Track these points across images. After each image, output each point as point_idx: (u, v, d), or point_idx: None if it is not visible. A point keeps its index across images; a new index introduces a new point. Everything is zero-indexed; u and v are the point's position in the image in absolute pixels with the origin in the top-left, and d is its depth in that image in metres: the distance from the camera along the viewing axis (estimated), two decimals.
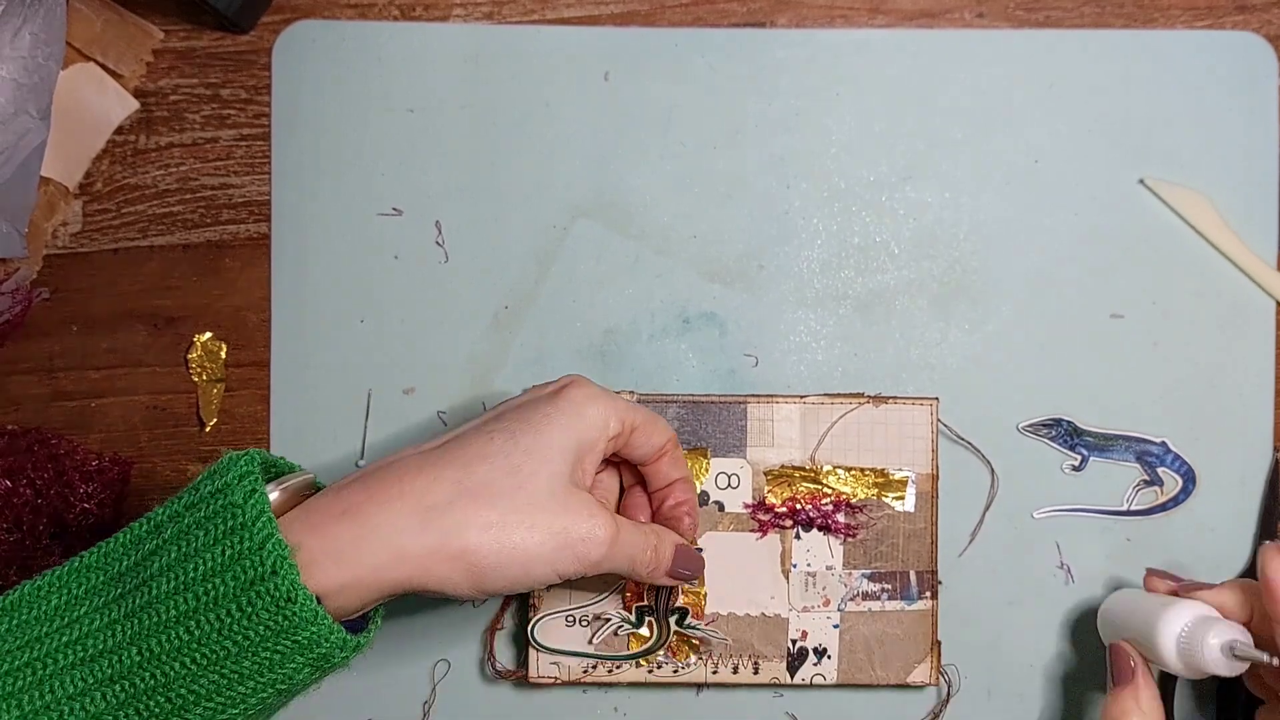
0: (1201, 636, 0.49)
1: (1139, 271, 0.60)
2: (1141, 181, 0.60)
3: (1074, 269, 0.60)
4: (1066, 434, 0.59)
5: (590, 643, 0.57)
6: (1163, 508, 0.59)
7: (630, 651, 0.57)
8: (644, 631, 0.57)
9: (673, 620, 0.57)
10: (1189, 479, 0.59)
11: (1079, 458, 0.59)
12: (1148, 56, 0.60)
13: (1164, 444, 0.59)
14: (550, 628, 0.57)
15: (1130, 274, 0.60)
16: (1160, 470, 0.59)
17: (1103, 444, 0.59)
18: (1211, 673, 0.50)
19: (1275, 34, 0.60)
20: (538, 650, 0.57)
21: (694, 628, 0.57)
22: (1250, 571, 0.59)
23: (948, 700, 0.59)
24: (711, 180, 0.59)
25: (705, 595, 0.57)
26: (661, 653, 0.57)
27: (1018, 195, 0.60)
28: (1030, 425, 0.59)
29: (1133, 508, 0.59)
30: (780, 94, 0.59)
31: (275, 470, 0.48)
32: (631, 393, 0.57)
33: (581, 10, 0.59)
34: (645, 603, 0.57)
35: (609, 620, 0.57)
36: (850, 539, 0.57)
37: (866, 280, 0.60)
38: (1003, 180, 0.60)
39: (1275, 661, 0.49)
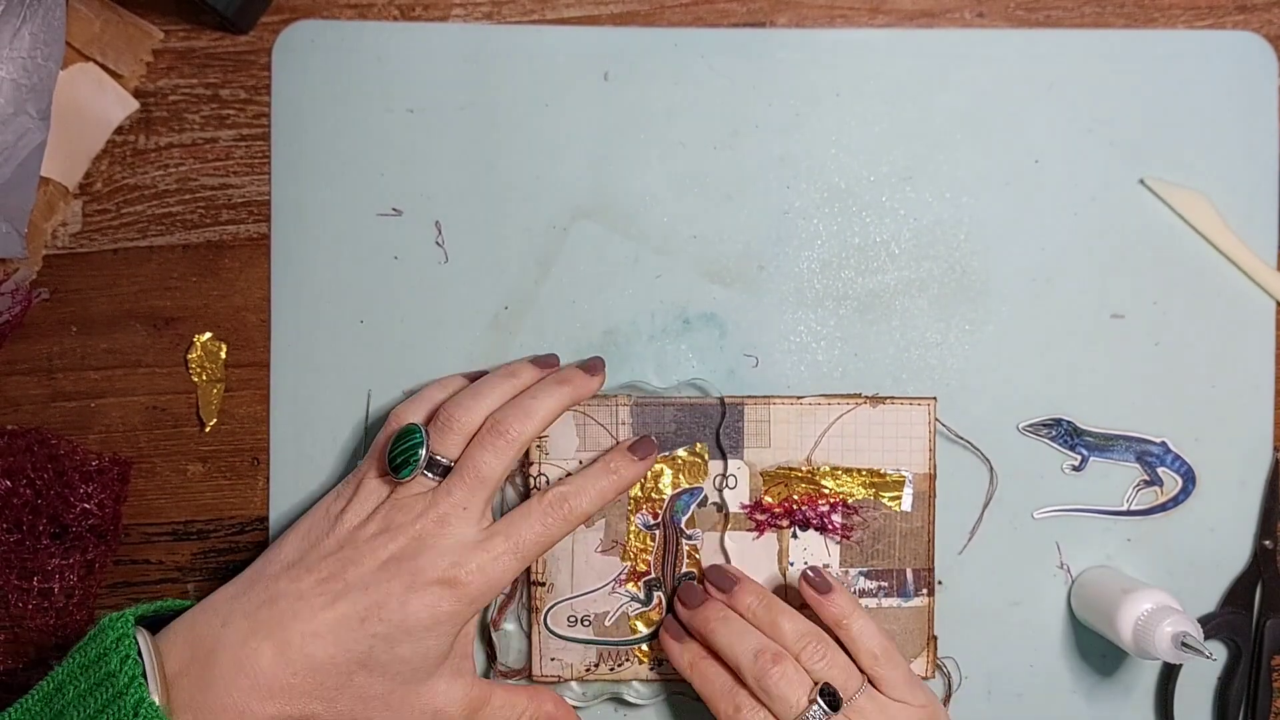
0: (1157, 623, 0.53)
1: (1139, 271, 0.60)
2: (1141, 181, 0.60)
3: (1074, 269, 0.60)
4: (1066, 434, 0.59)
5: (603, 627, 0.57)
6: (1163, 508, 0.59)
7: (642, 635, 0.57)
8: (654, 614, 0.57)
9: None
10: (1189, 479, 0.59)
11: (1079, 458, 0.59)
12: (1148, 56, 0.60)
13: (1164, 444, 0.59)
14: (555, 623, 0.57)
15: (1130, 274, 0.60)
16: (1160, 470, 0.59)
17: (1103, 444, 0.59)
18: (1160, 658, 0.53)
19: (1275, 34, 0.60)
20: (553, 637, 0.57)
21: None
22: (1249, 572, 0.60)
23: (951, 693, 0.59)
24: (711, 180, 0.59)
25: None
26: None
27: (1018, 195, 0.60)
28: (1030, 425, 0.59)
29: (1133, 508, 0.59)
30: (780, 94, 0.59)
31: (161, 613, 0.52)
32: (629, 395, 0.57)
33: (581, 10, 0.59)
34: (652, 575, 0.57)
35: (618, 601, 0.57)
36: (846, 540, 0.57)
37: (866, 281, 0.60)
38: (1003, 180, 0.60)
39: (1214, 658, 0.55)
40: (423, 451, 0.52)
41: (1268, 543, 0.59)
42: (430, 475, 0.52)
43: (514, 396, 0.54)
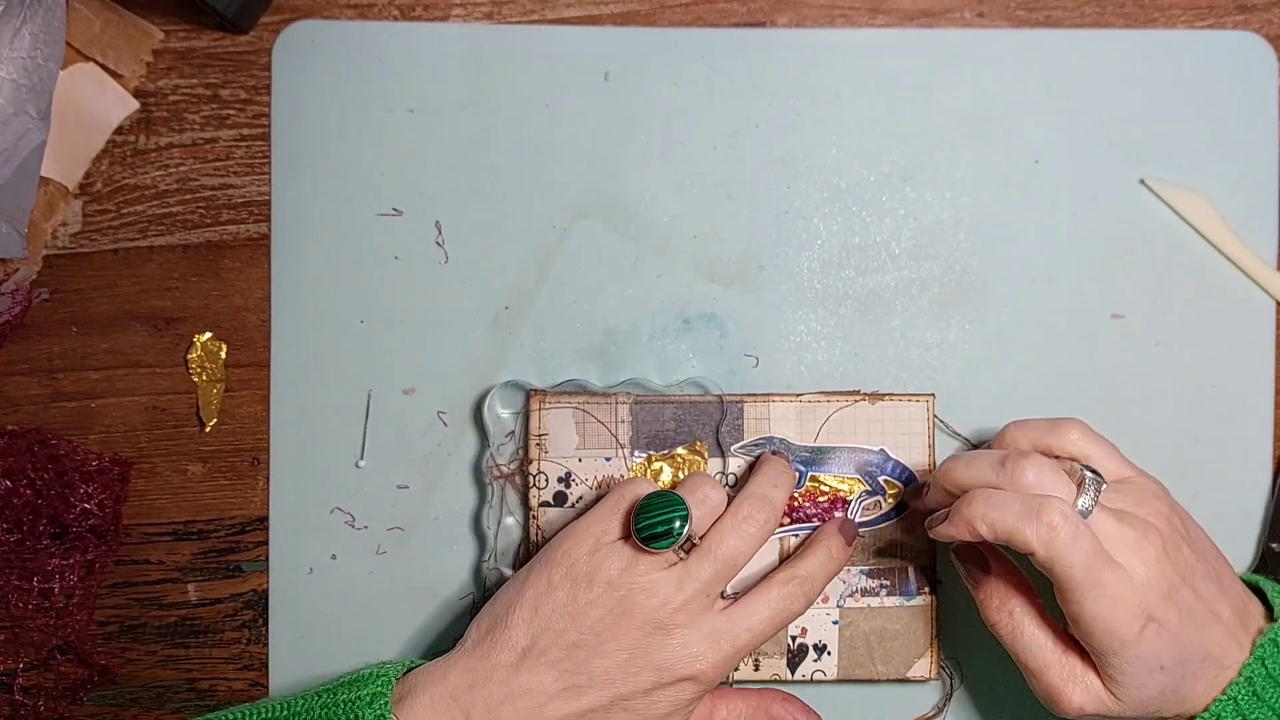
0: None
1: (1139, 271, 0.60)
2: (1141, 181, 0.60)
3: (1074, 269, 0.60)
4: (776, 452, 0.58)
5: None
6: (886, 517, 0.58)
7: None
8: None
9: None
10: (912, 483, 0.58)
11: (796, 474, 0.57)
12: (1148, 56, 0.60)
13: (882, 451, 0.58)
14: None
15: (1130, 274, 0.60)
16: (882, 479, 0.58)
17: (818, 458, 0.57)
18: None
19: (1275, 34, 0.60)
20: None
21: None
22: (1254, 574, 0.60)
23: (952, 694, 0.59)
24: (711, 180, 0.59)
25: None
26: None
27: (1018, 195, 0.60)
28: (741, 446, 0.57)
29: (859, 519, 0.58)
30: (780, 94, 0.59)
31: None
32: (629, 393, 0.57)
33: (581, 10, 0.59)
34: None
35: None
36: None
37: (866, 280, 0.60)
38: (1003, 180, 0.60)
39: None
40: (686, 528, 0.50)
41: (1275, 545, 0.59)
42: (680, 547, 0.51)
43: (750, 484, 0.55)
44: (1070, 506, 0.48)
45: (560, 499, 0.57)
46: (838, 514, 0.57)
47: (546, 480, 0.57)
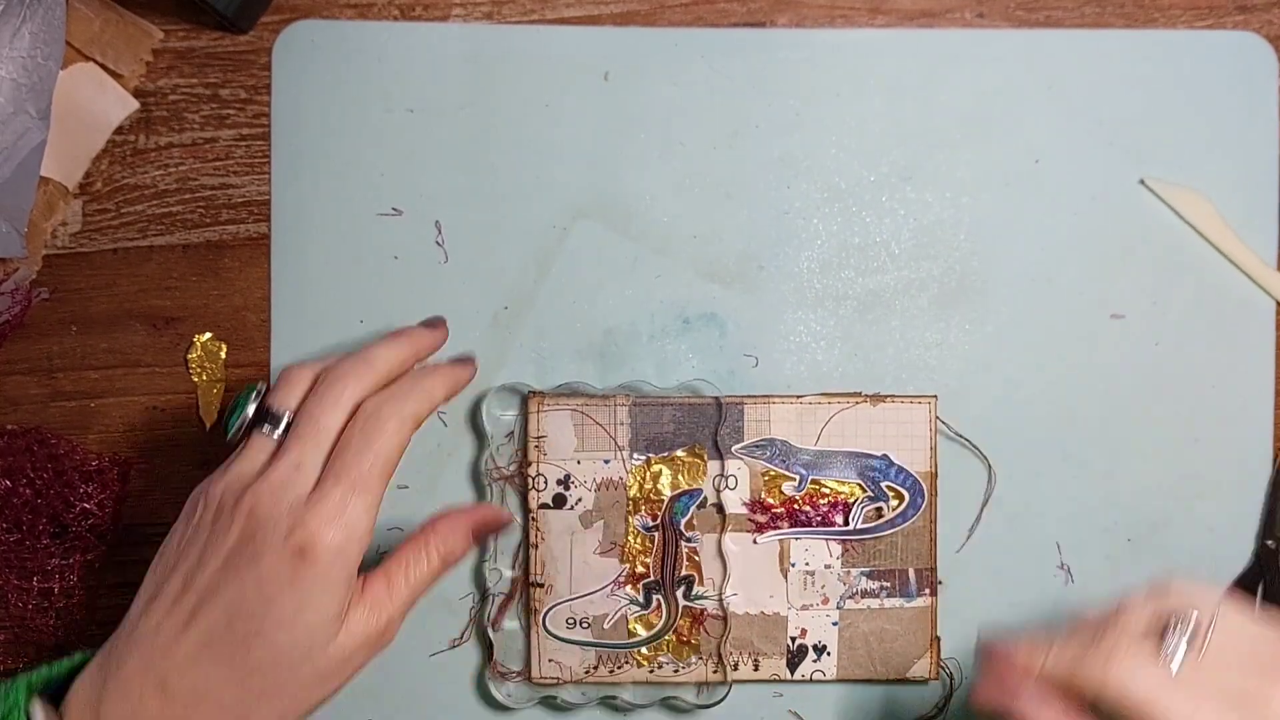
0: None
1: (1139, 271, 0.60)
2: (1141, 181, 0.60)
3: (1074, 269, 0.60)
4: (780, 454, 0.58)
5: (602, 629, 0.57)
6: (891, 524, 0.58)
7: (640, 638, 0.57)
8: (653, 618, 0.57)
9: (680, 593, 0.57)
10: (916, 491, 0.58)
11: (797, 477, 0.58)
12: (1148, 56, 0.60)
13: (885, 457, 0.58)
14: (554, 624, 0.57)
15: (1130, 274, 0.60)
16: (884, 485, 0.58)
17: (820, 461, 0.58)
18: None
19: (1275, 34, 0.60)
20: (552, 639, 0.57)
21: (702, 597, 0.57)
22: (1250, 572, 0.59)
23: (952, 694, 0.59)
24: (711, 180, 0.59)
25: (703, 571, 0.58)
26: (669, 637, 0.57)
27: (1018, 195, 0.60)
28: (743, 447, 0.57)
29: (859, 525, 0.58)
30: (780, 94, 0.59)
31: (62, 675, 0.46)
32: (628, 395, 0.57)
33: (581, 10, 0.59)
34: (651, 578, 0.57)
35: (617, 604, 0.57)
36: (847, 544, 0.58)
37: (866, 280, 0.60)
38: (1003, 180, 0.60)
39: None
40: (252, 403, 0.46)
41: (1270, 543, 0.59)
42: (268, 432, 0.47)
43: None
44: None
45: (559, 501, 0.57)
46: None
47: (545, 482, 0.57)
